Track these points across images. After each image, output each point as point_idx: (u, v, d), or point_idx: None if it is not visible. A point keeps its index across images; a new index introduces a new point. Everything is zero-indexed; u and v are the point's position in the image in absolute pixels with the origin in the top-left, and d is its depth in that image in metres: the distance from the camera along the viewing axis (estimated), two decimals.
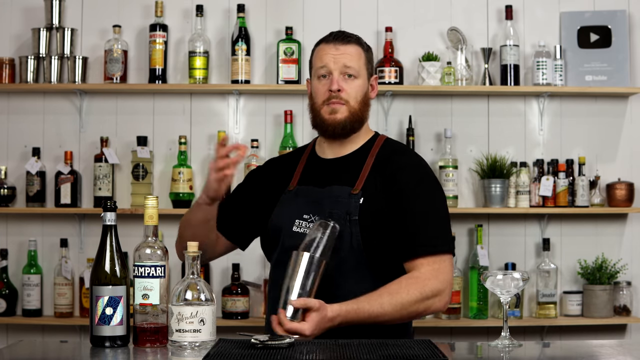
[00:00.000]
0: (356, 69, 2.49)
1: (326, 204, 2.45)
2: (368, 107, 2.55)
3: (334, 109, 2.48)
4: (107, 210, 2.22)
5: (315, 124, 2.54)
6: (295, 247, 2.35)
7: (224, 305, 3.91)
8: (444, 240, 2.42)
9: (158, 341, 2.17)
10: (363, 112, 2.52)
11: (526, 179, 3.98)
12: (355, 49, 2.52)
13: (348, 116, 2.49)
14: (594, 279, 3.99)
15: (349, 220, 2.41)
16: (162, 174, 4.05)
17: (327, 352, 2.04)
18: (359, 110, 2.50)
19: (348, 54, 2.50)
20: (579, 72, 4.06)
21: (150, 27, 4.00)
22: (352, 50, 2.51)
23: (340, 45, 2.51)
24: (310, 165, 2.59)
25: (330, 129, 2.50)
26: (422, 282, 2.35)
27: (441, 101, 4.10)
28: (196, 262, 2.21)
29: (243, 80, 3.96)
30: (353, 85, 2.49)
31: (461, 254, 4.07)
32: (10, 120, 4.06)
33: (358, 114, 2.50)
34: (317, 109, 2.51)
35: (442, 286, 2.37)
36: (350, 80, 2.49)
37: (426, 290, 2.35)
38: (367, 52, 2.56)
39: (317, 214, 2.45)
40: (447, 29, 4.06)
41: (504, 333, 2.21)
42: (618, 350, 2.25)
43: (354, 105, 2.49)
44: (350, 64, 2.49)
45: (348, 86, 2.49)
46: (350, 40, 2.53)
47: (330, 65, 2.49)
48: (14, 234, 4.04)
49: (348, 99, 2.48)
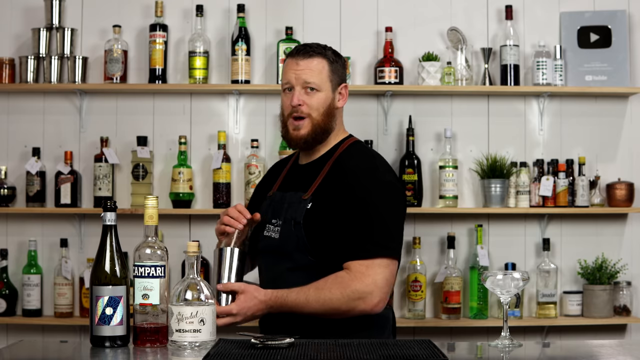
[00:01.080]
0: (317, 82, 2.62)
1: (283, 209, 2.63)
2: (333, 118, 2.66)
3: (296, 126, 2.64)
4: (107, 210, 2.22)
5: (283, 135, 2.72)
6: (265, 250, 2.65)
7: None
8: (381, 245, 2.49)
9: (158, 341, 2.17)
10: (327, 122, 2.64)
11: (526, 179, 3.98)
12: (317, 63, 2.64)
13: (310, 130, 2.64)
14: (594, 279, 3.99)
15: (294, 225, 2.57)
16: (162, 174, 4.05)
17: (327, 352, 2.04)
18: (322, 121, 2.64)
19: (308, 69, 2.63)
20: (579, 72, 4.06)
21: (150, 27, 4.00)
22: (313, 65, 2.63)
23: (301, 60, 2.64)
24: (290, 172, 2.77)
25: (293, 143, 2.68)
26: (345, 283, 2.46)
27: (441, 101, 4.10)
28: (196, 262, 2.21)
29: (243, 80, 3.96)
30: (315, 99, 2.63)
31: (461, 254, 4.07)
32: (10, 120, 4.06)
33: (321, 126, 2.64)
34: (284, 121, 2.68)
35: (366, 289, 2.46)
36: (312, 93, 2.62)
37: (347, 291, 2.45)
38: (333, 64, 2.66)
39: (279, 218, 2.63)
40: (447, 29, 4.06)
41: (504, 333, 2.21)
42: (618, 350, 2.25)
43: (316, 117, 2.63)
44: (311, 80, 2.63)
45: (310, 99, 2.63)
46: (312, 55, 2.65)
47: (292, 81, 2.65)
48: (14, 234, 4.04)
49: (310, 112, 2.62)
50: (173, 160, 4.02)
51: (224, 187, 3.95)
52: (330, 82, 2.65)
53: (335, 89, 2.67)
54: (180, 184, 3.95)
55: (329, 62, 2.65)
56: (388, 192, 2.56)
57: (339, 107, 2.69)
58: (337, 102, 2.67)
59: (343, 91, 2.69)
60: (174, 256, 3.77)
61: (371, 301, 2.47)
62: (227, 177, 3.97)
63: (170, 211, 3.92)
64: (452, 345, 2.48)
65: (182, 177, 3.95)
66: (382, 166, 2.63)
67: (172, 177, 3.98)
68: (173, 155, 4.03)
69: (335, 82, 2.67)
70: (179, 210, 3.94)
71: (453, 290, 3.93)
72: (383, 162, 2.66)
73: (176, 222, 4.04)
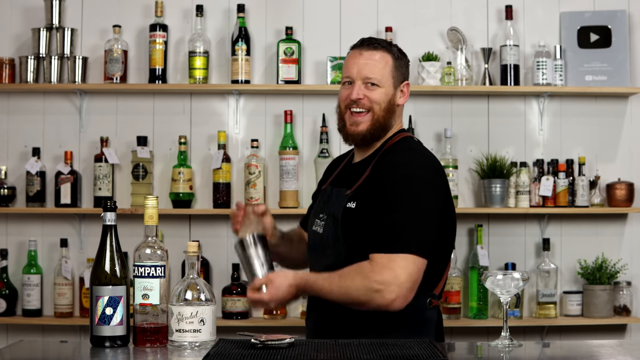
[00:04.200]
0: (378, 78, 2.53)
1: (329, 205, 2.58)
2: (393, 114, 2.57)
3: (355, 121, 2.55)
4: (107, 210, 2.22)
5: (339, 129, 2.63)
6: (312, 244, 2.60)
7: (224, 305, 3.91)
8: (406, 240, 2.38)
9: (158, 341, 2.17)
10: (387, 119, 2.55)
11: (526, 179, 3.98)
12: (380, 56, 2.55)
13: (370, 126, 2.55)
14: (594, 279, 3.99)
15: (333, 220, 2.52)
16: (162, 174, 4.05)
17: (327, 352, 2.04)
18: (382, 117, 2.55)
19: (371, 62, 2.55)
20: (579, 72, 4.06)
21: (150, 27, 4.00)
22: (376, 57, 2.55)
23: (365, 51, 2.57)
24: (344, 168, 2.70)
25: (350, 138, 2.60)
26: (365, 273, 2.36)
27: (441, 101, 4.10)
28: (196, 262, 2.21)
29: (243, 80, 3.96)
30: (376, 94, 2.54)
31: (461, 254, 4.07)
32: (10, 120, 4.06)
33: (381, 122, 2.55)
34: (342, 113, 2.60)
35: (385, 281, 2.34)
36: (373, 88, 2.54)
37: (366, 281, 2.35)
38: (398, 60, 2.58)
39: (325, 213, 2.58)
40: (447, 29, 4.06)
41: (504, 333, 2.21)
42: (618, 350, 2.25)
43: (377, 112, 2.54)
44: (372, 74, 2.53)
45: (371, 93, 2.54)
46: (376, 47, 2.56)
47: (353, 74, 2.56)
48: (14, 234, 4.04)
49: (371, 106, 2.54)
50: (173, 160, 4.02)
51: (224, 187, 3.95)
52: (393, 78, 2.56)
53: (397, 85, 2.57)
54: (180, 184, 3.95)
55: (394, 57, 2.57)
56: (417, 185, 2.44)
57: (400, 104, 2.60)
58: (398, 99, 2.58)
59: (405, 89, 2.60)
60: (174, 256, 3.78)
61: (388, 296, 2.33)
62: (227, 177, 3.97)
63: (170, 211, 3.92)
64: (452, 345, 2.48)
65: (182, 177, 3.95)
66: (418, 160, 2.51)
67: (172, 177, 3.98)
68: (173, 155, 4.03)
69: (398, 79, 2.57)
70: (179, 210, 3.94)
71: (453, 290, 3.93)
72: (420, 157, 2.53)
73: (176, 222, 4.04)
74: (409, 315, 2.43)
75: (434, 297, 2.50)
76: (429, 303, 2.48)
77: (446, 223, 2.52)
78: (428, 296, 2.48)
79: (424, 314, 2.48)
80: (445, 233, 2.52)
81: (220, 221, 4.01)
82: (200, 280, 2.19)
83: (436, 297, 2.51)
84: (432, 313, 2.51)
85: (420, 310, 2.46)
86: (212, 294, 2.20)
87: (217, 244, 4.03)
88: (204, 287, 2.19)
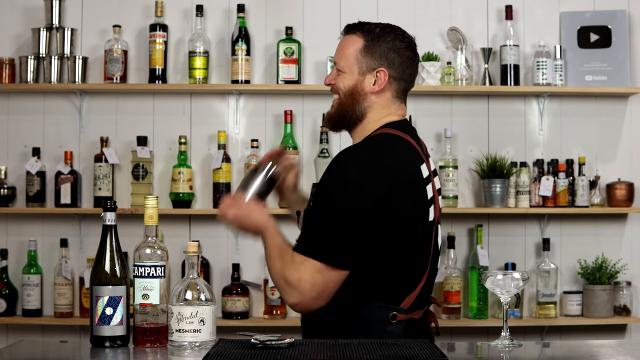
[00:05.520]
0: (341, 63, 2.42)
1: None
2: (359, 102, 2.40)
3: (332, 105, 2.47)
4: (107, 210, 2.22)
5: None
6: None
7: (224, 305, 3.91)
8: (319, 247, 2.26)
9: (158, 341, 2.17)
10: (351, 106, 2.40)
11: (526, 179, 3.98)
12: (350, 40, 2.42)
13: (334, 111, 2.44)
14: (594, 279, 3.99)
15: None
16: (162, 174, 4.05)
17: (327, 352, 2.04)
18: (346, 103, 2.41)
19: (341, 48, 2.43)
20: (579, 72, 4.06)
21: (150, 27, 4.00)
22: (345, 42, 2.43)
23: (343, 36, 2.46)
24: None
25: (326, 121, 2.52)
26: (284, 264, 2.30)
27: (441, 101, 4.10)
28: (196, 262, 2.21)
29: (243, 80, 3.96)
30: (340, 79, 2.42)
31: (461, 254, 4.07)
32: (10, 120, 4.06)
33: (344, 108, 2.41)
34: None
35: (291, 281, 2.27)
36: (340, 74, 2.43)
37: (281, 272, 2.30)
38: (371, 43, 2.39)
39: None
40: (447, 29, 4.06)
41: (504, 333, 2.21)
42: (618, 350, 2.25)
43: (342, 98, 2.42)
44: (337, 59, 2.43)
45: (337, 79, 2.43)
46: (350, 31, 2.43)
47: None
48: (14, 234, 4.04)
49: (338, 92, 2.43)
50: (173, 160, 4.02)
51: (224, 187, 3.95)
52: (358, 63, 2.39)
53: (366, 71, 2.39)
54: (180, 184, 3.95)
55: (366, 41, 2.39)
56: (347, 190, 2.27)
57: (371, 92, 2.39)
58: (367, 85, 2.39)
59: (380, 75, 2.38)
60: (174, 256, 3.78)
61: (291, 299, 2.29)
62: (227, 177, 3.97)
63: (170, 211, 3.92)
64: (452, 345, 2.48)
65: (182, 177, 3.95)
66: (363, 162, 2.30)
67: (172, 177, 3.98)
68: (173, 155, 4.03)
69: (368, 65, 2.39)
70: (179, 210, 3.94)
71: (453, 290, 3.93)
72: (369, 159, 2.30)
73: (176, 222, 4.04)
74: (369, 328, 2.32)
75: (400, 311, 2.32)
76: (392, 317, 2.31)
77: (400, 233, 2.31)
78: (391, 309, 2.31)
79: (384, 329, 2.31)
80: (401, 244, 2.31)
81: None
82: (200, 280, 2.19)
83: (403, 311, 2.32)
84: (397, 328, 2.31)
85: (380, 324, 2.32)
86: (212, 294, 2.19)
87: (217, 244, 4.03)
88: (204, 287, 2.19)
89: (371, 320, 2.32)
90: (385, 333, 2.31)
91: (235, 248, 4.01)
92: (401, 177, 2.31)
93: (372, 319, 2.32)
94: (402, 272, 2.33)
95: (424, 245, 2.36)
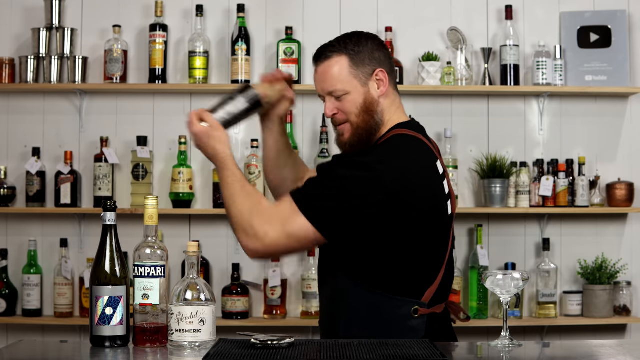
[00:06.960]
0: (339, 87, 2.42)
1: None
2: (374, 112, 2.42)
3: (339, 132, 2.47)
4: (107, 210, 2.22)
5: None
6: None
7: (224, 305, 3.91)
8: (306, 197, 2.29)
9: (158, 341, 2.17)
10: (368, 120, 2.42)
11: (526, 179, 3.98)
12: (332, 64, 2.43)
13: (352, 134, 2.44)
14: (594, 279, 3.99)
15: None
16: (162, 174, 4.05)
17: (327, 352, 2.04)
18: (362, 121, 2.42)
19: (328, 75, 2.43)
20: (579, 72, 4.06)
21: (150, 27, 4.00)
22: (328, 68, 2.43)
23: (319, 67, 2.47)
24: None
25: (341, 149, 2.50)
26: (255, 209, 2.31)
27: (441, 101, 4.10)
28: (196, 262, 2.21)
29: (243, 80, 3.96)
30: (345, 103, 2.42)
31: (461, 253, 4.07)
32: (10, 120, 4.06)
33: (362, 126, 2.42)
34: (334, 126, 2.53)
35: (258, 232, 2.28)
36: (341, 99, 2.43)
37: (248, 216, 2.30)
38: (355, 56, 2.42)
39: None
40: (447, 29, 4.06)
41: (504, 333, 2.21)
42: (618, 350, 2.25)
43: (355, 120, 2.42)
44: (332, 87, 2.43)
45: (341, 105, 2.43)
46: (327, 56, 2.45)
47: (320, 92, 2.49)
48: (14, 234, 4.04)
49: (347, 117, 2.44)
50: (173, 160, 4.02)
51: None
52: (355, 77, 2.41)
53: (366, 80, 2.41)
54: (180, 184, 3.95)
55: (349, 56, 2.41)
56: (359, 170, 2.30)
57: (380, 96, 2.43)
58: (375, 92, 2.42)
59: (381, 75, 2.42)
60: (174, 256, 3.78)
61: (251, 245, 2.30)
62: None
63: (170, 211, 3.93)
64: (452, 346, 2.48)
65: (182, 177, 3.95)
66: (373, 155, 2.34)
67: (172, 177, 3.98)
68: (173, 155, 4.03)
69: (365, 74, 2.41)
70: (179, 210, 3.94)
71: (453, 290, 3.93)
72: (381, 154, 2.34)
73: (176, 222, 4.04)
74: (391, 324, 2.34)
75: (422, 305, 2.35)
76: (414, 312, 2.34)
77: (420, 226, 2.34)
78: (413, 304, 2.35)
79: (407, 324, 2.34)
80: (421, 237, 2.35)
81: (220, 221, 4.01)
82: (200, 280, 2.19)
83: (424, 305, 2.36)
84: (419, 323, 2.35)
85: (403, 319, 2.34)
86: (212, 294, 2.19)
87: (217, 244, 4.03)
88: (204, 287, 2.19)
89: (392, 317, 2.34)
90: (408, 329, 2.34)
91: (235, 248, 4.01)
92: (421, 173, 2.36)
93: (393, 316, 2.34)
94: (421, 265, 2.36)
95: (442, 239, 2.41)
